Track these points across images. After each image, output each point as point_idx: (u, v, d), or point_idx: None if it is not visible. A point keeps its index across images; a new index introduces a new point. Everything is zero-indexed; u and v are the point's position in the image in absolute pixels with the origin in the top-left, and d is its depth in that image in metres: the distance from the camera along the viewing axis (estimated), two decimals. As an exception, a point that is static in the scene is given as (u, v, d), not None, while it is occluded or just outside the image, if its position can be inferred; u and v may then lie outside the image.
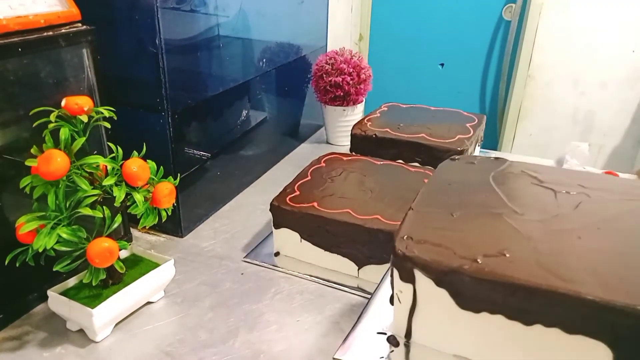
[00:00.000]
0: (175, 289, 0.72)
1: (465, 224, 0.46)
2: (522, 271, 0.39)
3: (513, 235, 0.44)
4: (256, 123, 1.07)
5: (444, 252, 0.42)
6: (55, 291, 0.62)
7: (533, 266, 0.40)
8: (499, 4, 2.06)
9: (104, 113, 0.61)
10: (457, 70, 2.21)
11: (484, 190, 0.52)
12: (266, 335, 0.64)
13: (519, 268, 0.40)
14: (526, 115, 2.15)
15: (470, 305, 0.41)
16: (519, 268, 0.40)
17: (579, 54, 1.98)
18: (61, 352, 0.61)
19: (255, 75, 1.02)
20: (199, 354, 0.61)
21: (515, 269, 0.40)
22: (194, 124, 0.85)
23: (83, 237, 0.58)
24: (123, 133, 0.70)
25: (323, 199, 0.75)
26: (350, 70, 1.14)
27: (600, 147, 2.08)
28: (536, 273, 0.39)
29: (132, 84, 0.79)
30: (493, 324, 0.41)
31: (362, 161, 0.88)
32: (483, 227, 0.46)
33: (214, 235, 0.86)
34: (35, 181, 0.56)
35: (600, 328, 0.37)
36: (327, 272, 0.75)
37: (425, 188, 0.54)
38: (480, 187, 0.53)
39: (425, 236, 0.44)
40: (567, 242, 0.43)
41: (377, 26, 2.28)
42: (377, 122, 1.02)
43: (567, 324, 0.38)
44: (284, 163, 1.15)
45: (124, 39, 0.76)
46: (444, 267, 0.41)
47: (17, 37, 0.59)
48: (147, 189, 0.63)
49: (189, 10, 0.80)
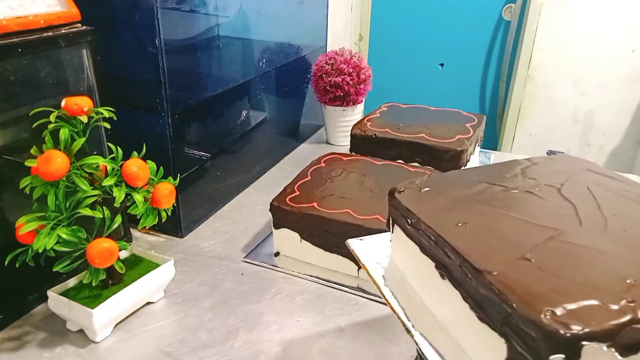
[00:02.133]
0: (175, 289, 0.72)
1: (552, 266, 0.40)
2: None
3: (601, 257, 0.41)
4: (256, 123, 1.07)
5: (596, 308, 0.36)
6: (55, 291, 0.62)
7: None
8: (499, 4, 2.06)
9: (104, 113, 0.61)
10: (457, 70, 2.21)
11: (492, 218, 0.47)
12: (266, 335, 0.64)
13: None
14: (526, 115, 2.15)
15: (635, 350, 0.37)
16: None
17: (579, 54, 1.98)
18: (61, 353, 0.61)
19: (255, 75, 1.02)
20: (199, 354, 0.61)
21: None
22: (193, 124, 0.85)
23: (83, 238, 0.58)
24: (123, 133, 0.70)
25: (323, 199, 0.75)
26: (350, 71, 1.15)
27: (600, 147, 2.08)
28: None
29: (132, 85, 0.79)
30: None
31: (362, 161, 0.88)
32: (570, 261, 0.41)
33: (213, 236, 0.86)
34: (35, 182, 0.56)
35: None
36: (327, 272, 0.75)
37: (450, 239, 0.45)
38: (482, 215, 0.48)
39: (556, 301, 0.37)
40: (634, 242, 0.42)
41: (377, 26, 2.28)
42: (377, 122, 1.02)
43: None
44: (284, 163, 1.15)
45: (124, 40, 0.76)
46: (616, 325, 0.35)
47: (17, 37, 0.59)
48: (147, 190, 0.63)
49: (188, 10, 0.80)
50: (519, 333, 0.36)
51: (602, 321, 0.35)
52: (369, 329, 0.65)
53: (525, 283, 0.39)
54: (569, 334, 0.35)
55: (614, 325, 0.35)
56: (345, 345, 0.62)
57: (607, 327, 0.35)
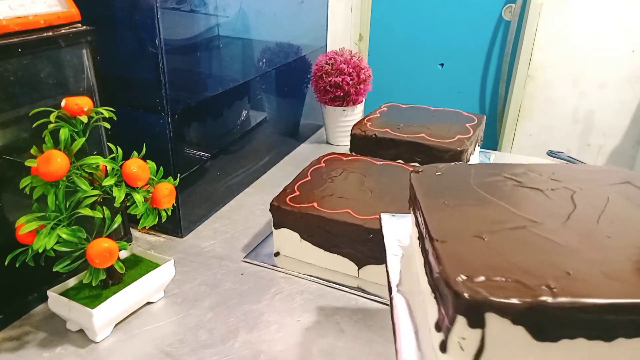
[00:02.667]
0: (175, 289, 0.72)
1: (502, 247, 0.43)
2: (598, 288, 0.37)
3: (556, 249, 0.42)
4: (256, 123, 1.07)
5: (512, 285, 0.38)
6: (55, 291, 0.62)
7: (603, 279, 0.38)
8: (499, 4, 2.06)
9: (104, 113, 0.61)
10: (457, 70, 2.21)
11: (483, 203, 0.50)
12: (266, 335, 0.64)
13: (593, 285, 0.38)
14: (526, 115, 2.15)
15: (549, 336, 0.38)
16: (592, 285, 0.38)
17: (579, 54, 1.98)
18: (61, 353, 0.61)
19: (255, 75, 1.02)
20: (199, 354, 0.61)
21: (590, 287, 0.38)
22: (193, 124, 0.85)
23: (83, 238, 0.58)
24: (123, 133, 0.70)
25: (323, 199, 0.75)
26: (350, 71, 1.15)
27: (600, 147, 2.08)
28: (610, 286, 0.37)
29: (132, 85, 0.79)
30: (573, 349, 0.38)
31: (362, 161, 0.88)
32: (522, 247, 0.43)
33: (213, 236, 0.86)
34: (35, 182, 0.56)
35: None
36: (327, 272, 0.75)
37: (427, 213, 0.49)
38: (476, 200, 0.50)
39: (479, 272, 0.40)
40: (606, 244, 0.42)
41: (377, 26, 2.28)
42: (377, 122, 1.02)
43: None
44: (284, 163, 1.15)
45: (124, 40, 0.76)
46: (523, 302, 0.37)
47: (17, 37, 0.59)
48: (147, 189, 0.63)
49: (188, 10, 0.80)
50: (442, 295, 0.40)
51: (508, 295, 0.37)
52: (369, 329, 0.65)
53: (464, 254, 0.42)
54: (470, 297, 0.37)
55: (520, 302, 0.37)
56: (345, 345, 0.62)
57: (510, 302, 0.37)
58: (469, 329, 0.39)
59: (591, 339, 0.38)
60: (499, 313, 0.38)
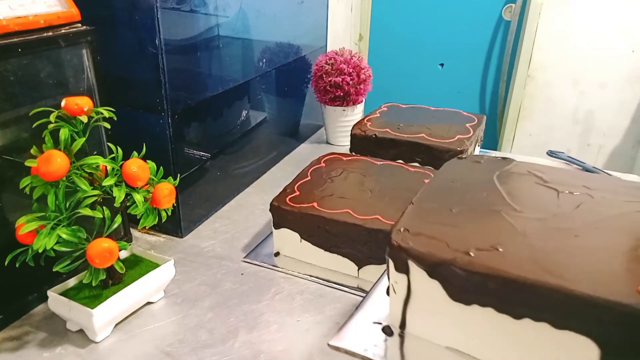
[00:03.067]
0: (175, 289, 0.72)
1: (462, 220, 0.47)
2: (513, 265, 0.40)
3: (509, 231, 0.45)
4: (256, 123, 1.07)
5: (438, 244, 0.44)
6: (55, 291, 0.62)
7: (525, 261, 0.40)
8: (499, 4, 2.06)
9: (104, 113, 0.61)
10: (457, 70, 2.21)
11: (486, 189, 0.53)
12: (266, 335, 0.64)
13: (510, 262, 0.40)
14: (526, 115, 2.15)
15: (462, 298, 0.42)
16: (510, 262, 0.40)
17: (579, 54, 1.98)
18: (61, 353, 0.61)
19: (255, 75, 1.02)
20: (199, 354, 0.61)
21: (507, 262, 0.40)
22: (193, 124, 0.85)
23: (83, 238, 0.58)
24: (123, 133, 0.70)
25: (323, 199, 0.75)
26: (350, 71, 1.15)
27: (600, 147, 2.08)
28: (527, 267, 0.39)
29: (132, 85, 0.79)
30: (483, 316, 0.42)
31: (362, 161, 0.88)
32: (480, 223, 0.47)
33: (213, 236, 0.86)
34: (35, 181, 0.56)
35: (587, 324, 0.37)
36: (327, 272, 0.75)
37: (428, 185, 0.55)
38: (483, 186, 0.53)
39: (422, 229, 0.46)
40: (563, 240, 0.43)
41: (377, 26, 2.28)
42: (377, 122, 1.02)
43: (555, 319, 0.38)
44: (284, 163, 1.15)
45: (124, 39, 0.76)
46: (436, 258, 0.42)
47: (17, 37, 0.59)
48: (147, 189, 0.63)
49: (188, 10, 0.80)
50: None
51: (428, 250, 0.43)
52: (369, 329, 0.65)
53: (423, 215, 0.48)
54: (396, 243, 0.45)
55: (432, 256, 0.43)
56: (345, 345, 0.62)
57: (423, 253, 0.43)
58: (397, 273, 0.45)
59: (500, 312, 0.41)
60: (416, 262, 0.43)
